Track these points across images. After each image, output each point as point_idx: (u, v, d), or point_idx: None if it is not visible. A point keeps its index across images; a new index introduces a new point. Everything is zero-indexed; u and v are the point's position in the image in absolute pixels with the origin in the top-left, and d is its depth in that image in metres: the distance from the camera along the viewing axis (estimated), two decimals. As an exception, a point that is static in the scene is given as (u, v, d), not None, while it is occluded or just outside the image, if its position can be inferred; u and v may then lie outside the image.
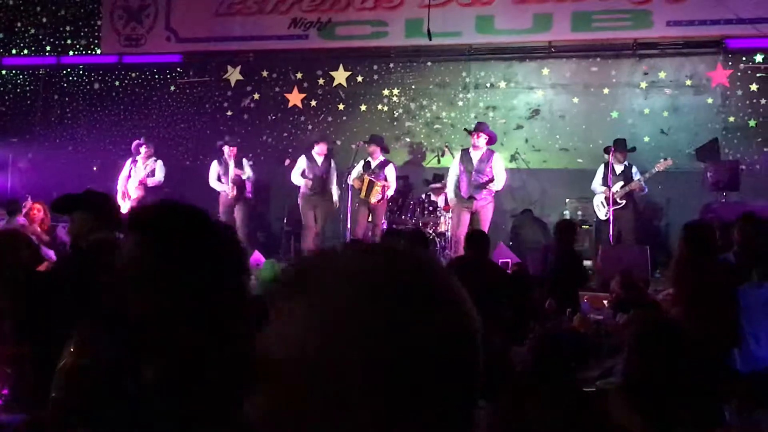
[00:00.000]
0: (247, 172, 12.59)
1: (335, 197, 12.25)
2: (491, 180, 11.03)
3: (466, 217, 11.03)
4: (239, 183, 12.47)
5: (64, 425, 1.65)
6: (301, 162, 12.19)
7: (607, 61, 13.11)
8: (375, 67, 14.10)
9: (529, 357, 3.98)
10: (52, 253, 9.17)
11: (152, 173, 12.44)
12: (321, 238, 12.05)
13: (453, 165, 11.53)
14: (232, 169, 12.42)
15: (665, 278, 7.72)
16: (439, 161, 13.42)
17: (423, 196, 12.30)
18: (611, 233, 11.08)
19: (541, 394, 3.22)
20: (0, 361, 3.71)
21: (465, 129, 12.04)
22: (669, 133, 12.70)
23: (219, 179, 12.56)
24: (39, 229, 10.41)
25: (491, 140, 11.32)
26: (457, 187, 11.19)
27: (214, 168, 12.61)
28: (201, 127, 14.61)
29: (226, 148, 12.53)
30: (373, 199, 11.75)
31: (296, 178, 12.14)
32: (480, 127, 11.33)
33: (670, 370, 2.72)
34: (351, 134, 13.65)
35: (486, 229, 10.85)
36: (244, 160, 12.71)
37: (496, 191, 11.20)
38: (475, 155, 11.22)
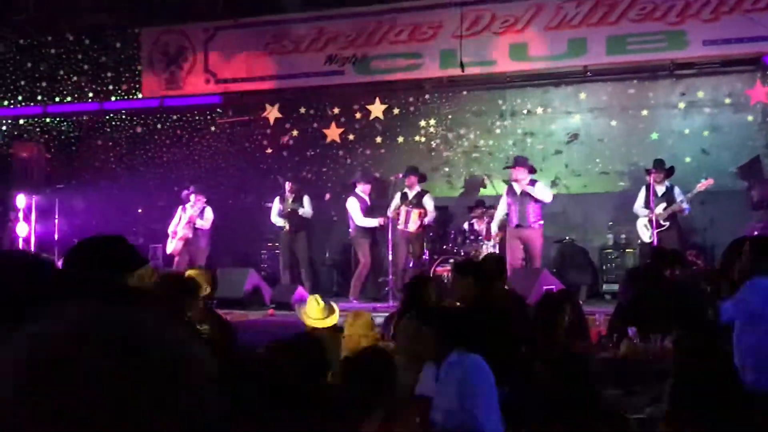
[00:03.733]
0: (306, 209, 12.74)
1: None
2: (537, 201, 11.40)
3: (517, 246, 11.40)
4: (294, 218, 12.62)
5: None
6: (355, 203, 12.31)
7: (644, 82, 13.05)
8: (411, 98, 14.18)
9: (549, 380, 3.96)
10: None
11: (201, 214, 12.62)
12: None
13: (501, 200, 11.89)
14: (289, 204, 12.61)
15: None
16: (479, 191, 13.44)
17: (465, 225, 12.30)
18: (656, 256, 10.97)
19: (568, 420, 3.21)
20: None
21: (505, 167, 12.18)
22: (710, 153, 12.58)
23: (280, 215, 12.74)
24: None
25: (531, 170, 11.66)
26: (507, 219, 11.59)
27: (276, 204, 12.81)
28: (242, 166, 14.78)
29: (286, 185, 12.74)
30: (412, 228, 11.82)
31: (367, 221, 12.28)
32: (517, 162, 11.69)
33: (717, 397, 2.70)
34: (389, 167, 13.71)
35: (538, 257, 11.24)
36: (306, 198, 12.85)
37: (545, 212, 11.58)
38: (518, 187, 11.56)
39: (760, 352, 4.96)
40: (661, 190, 11.43)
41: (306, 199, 12.83)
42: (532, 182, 11.59)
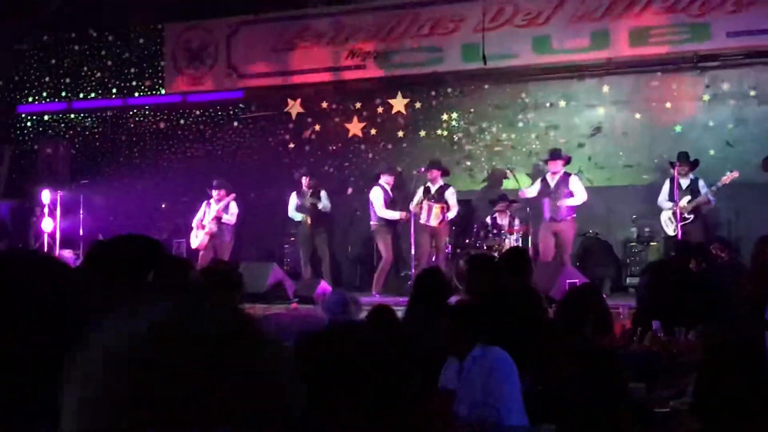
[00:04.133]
0: (324, 203, 12.77)
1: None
2: (571, 197, 11.55)
3: (549, 240, 11.56)
4: (315, 213, 12.67)
5: None
6: (379, 194, 12.29)
7: (667, 75, 12.96)
8: (433, 92, 14.16)
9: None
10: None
11: (226, 209, 12.68)
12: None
13: (531, 190, 12.03)
14: (308, 200, 12.65)
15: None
16: (502, 184, 13.41)
17: (488, 219, 12.28)
18: (680, 249, 10.92)
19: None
20: None
21: (541, 160, 12.28)
22: (735, 145, 12.48)
23: (298, 210, 12.77)
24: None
25: (566, 162, 11.86)
26: (540, 211, 11.74)
27: (293, 199, 12.84)
28: (264, 161, 14.81)
29: (304, 180, 12.78)
30: (434, 222, 11.81)
31: (389, 213, 12.27)
32: (554, 155, 11.85)
33: (741, 391, 2.69)
34: (411, 161, 13.70)
35: (569, 250, 11.43)
36: (323, 192, 12.89)
37: (578, 206, 11.70)
38: (552, 180, 11.70)
39: None
40: (685, 183, 11.36)
41: (323, 194, 12.86)
42: (567, 175, 11.65)
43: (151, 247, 4.02)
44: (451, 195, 12.14)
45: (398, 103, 14.25)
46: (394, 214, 12.19)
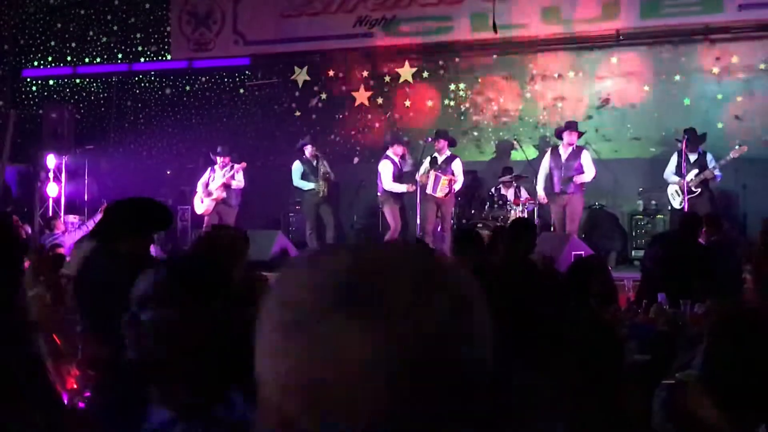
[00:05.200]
0: (328, 170, 12.76)
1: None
2: (581, 173, 11.40)
3: (560, 212, 11.52)
4: (328, 181, 12.64)
5: None
6: (388, 166, 12.16)
7: (677, 47, 12.84)
8: (441, 62, 14.07)
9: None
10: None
11: (233, 177, 12.62)
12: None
13: (544, 162, 11.82)
14: (323, 168, 12.58)
15: (746, 270, 7.52)
16: (510, 155, 13.35)
17: (492, 190, 12.24)
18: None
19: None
20: (83, 363, 3.82)
21: (557, 128, 12.06)
22: (743, 119, 12.39)
23: (304, 178, 12.70)
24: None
25: (580, 135, 11.77)
26: (549, 184, 11.61)
27: (298, 168, 12.75)
28: (270, 128, 14.76)
29: (308, 148, 12.70)
30: (440, 194, 11.76)
31: (396, 186, 12.10)
32: (571, 126, 11.69)
33: (751, 363, 2.66)
34: (418, 130, 13.64)
35: (576, 223, 11.35)
36: (324, 161, 12.83)
37: (587, 183, 11.61)
38: (565, 152, 11.59)
39: None
40: (693, 156, 11.30)
41: (325, 163, 12.82)
42: (579, 148, 11.60)
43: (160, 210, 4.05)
44: (457, 165, 12.07)
45: (406, 72, 14.16)
46: (401, 187, 12.11)
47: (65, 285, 4.94)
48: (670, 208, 11.60)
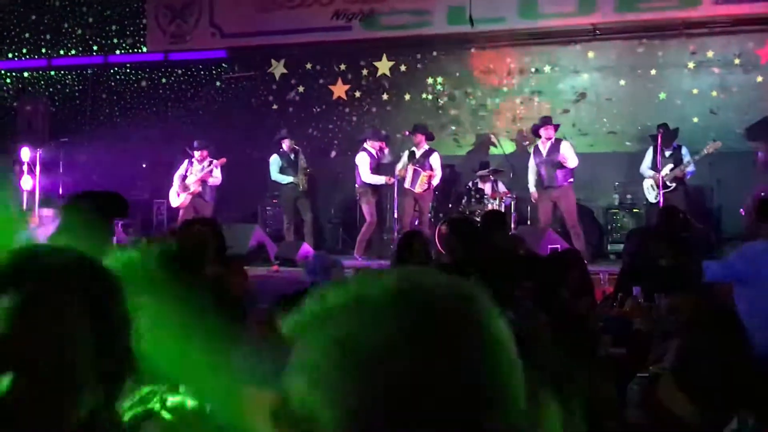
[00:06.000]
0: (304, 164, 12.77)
1: None
2: (564, 164, 11.45)
3: (548, 207, 11.54)
4: (307, 175, 12.64)
5: None
6: (365, 159, 12.16)
7: (653, 41, 12.91)
8: (418, 55, 14.06)
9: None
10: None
11: (211, 173, 12.56)
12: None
13: (530, 161, 11.89)
14: (302, 162, 12.58)
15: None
16: (488, 150, 13.38)
17: (470, 184, 12.26)
18: (662, 217, 10.94)
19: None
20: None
21: (533, 125, 12.09)
22: (718, 113, 12.48)
23: (282, 172, 12.68)
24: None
25: (556, 128, 11.80)
26: (539, 179, 11.67)
27: (276, 161, 12.72)
28: (247, 121, 14.69)
29: (286, 141, 12.68)
30: (419, 189, 11.79)
31: (374, 178, 12.13)
32: (545, 122, 11.77)
33: (722, 357, 2.69)
34: (396, 124, 13.64)
35: (574, 213, 11.36)
36: (302, 154, 12.83)
37: (574, 171, 11.64)
38: (544, 147, 11.67)
39: (750, 317, 4.95)
40: (668, 151, 11.37)
41: (302, 156, 12.82)
42: (557, 141, 11.64)
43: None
44: (435, 160, 12.09)
45: (383, 66, 14.15)
46: (380, 179, 12.11)
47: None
48: (645, 202, 11.66)
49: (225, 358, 1.86)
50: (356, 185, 12.35)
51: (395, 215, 11.86)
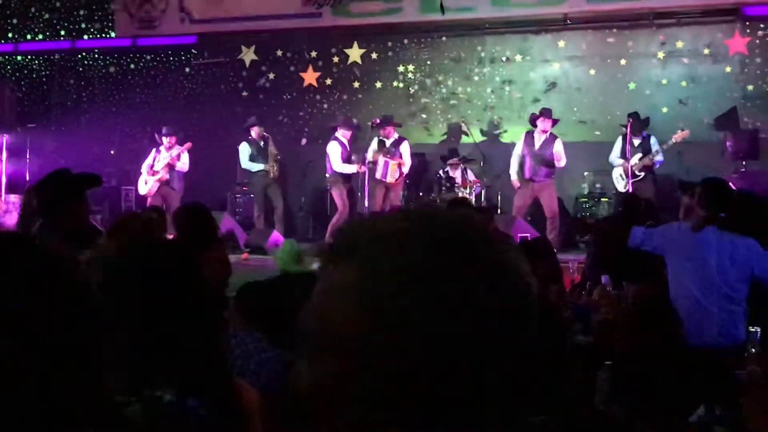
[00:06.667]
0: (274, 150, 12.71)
1: None
2: (553, 161, 11.41)
3: (526, 198, 11.55)
4: (278, 162, 12.60)
5: None
6: (336, 148, 12.10)
7: (623, 31, 12.96)
8: (389, 43, 14.02)
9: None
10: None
11: (178, 158, 12.46)
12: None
13: (516, 147, 11.84)
14: (273, 149, 12.52)
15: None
16: (460, 138, 13.37)
17: (441, 172, 12.26)
18: (631, 205, 11.00)
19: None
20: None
21: (532, 115, 12.00)
22: (687, 103, 12.57)
23: (252, 159, 12.61)
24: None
25: (554, 123, 11.72)
26: (521, 169, 11.62)
27: (245, 149, 12.64)
28: (217, 108, 14.57)
29: (255, 129, 12.60)
30: (391, 179, 11.78)
31: (345, 167, 12.09)
32: (545, 113, 11.69)
33: (657, 352, 2.69)
34: (367, 112, 13.60)
35: (555, 207, 11.41)
36: (271, 141, 12.77)
37: (558, 170, 11.65)
38: (539, 139, 11.60)
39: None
40: (637, 140, 11.44)
41: (272, 143, 12.77)
42: (553, 136, 11.59)
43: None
44: (405, 149, 12.09)
45: (354, 53, 14.09)
46: (351, 168, 12.08)
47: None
48: (615, 191, 11.73)
49: (204, 348, 1.83)
50: (327, 174, 12.30)
51: (366, 204, 11.85)
